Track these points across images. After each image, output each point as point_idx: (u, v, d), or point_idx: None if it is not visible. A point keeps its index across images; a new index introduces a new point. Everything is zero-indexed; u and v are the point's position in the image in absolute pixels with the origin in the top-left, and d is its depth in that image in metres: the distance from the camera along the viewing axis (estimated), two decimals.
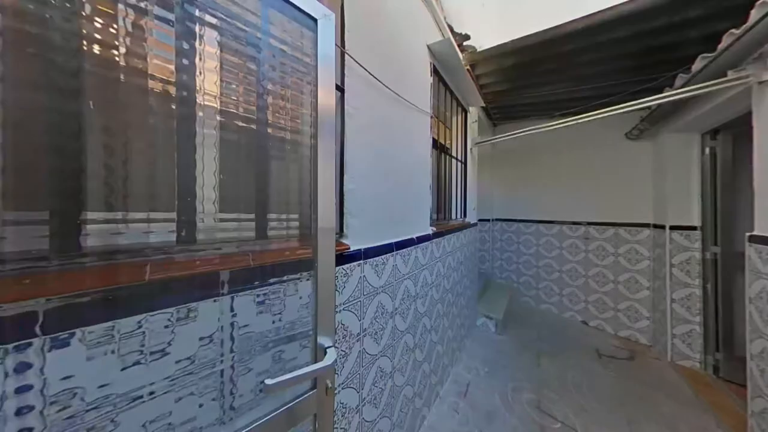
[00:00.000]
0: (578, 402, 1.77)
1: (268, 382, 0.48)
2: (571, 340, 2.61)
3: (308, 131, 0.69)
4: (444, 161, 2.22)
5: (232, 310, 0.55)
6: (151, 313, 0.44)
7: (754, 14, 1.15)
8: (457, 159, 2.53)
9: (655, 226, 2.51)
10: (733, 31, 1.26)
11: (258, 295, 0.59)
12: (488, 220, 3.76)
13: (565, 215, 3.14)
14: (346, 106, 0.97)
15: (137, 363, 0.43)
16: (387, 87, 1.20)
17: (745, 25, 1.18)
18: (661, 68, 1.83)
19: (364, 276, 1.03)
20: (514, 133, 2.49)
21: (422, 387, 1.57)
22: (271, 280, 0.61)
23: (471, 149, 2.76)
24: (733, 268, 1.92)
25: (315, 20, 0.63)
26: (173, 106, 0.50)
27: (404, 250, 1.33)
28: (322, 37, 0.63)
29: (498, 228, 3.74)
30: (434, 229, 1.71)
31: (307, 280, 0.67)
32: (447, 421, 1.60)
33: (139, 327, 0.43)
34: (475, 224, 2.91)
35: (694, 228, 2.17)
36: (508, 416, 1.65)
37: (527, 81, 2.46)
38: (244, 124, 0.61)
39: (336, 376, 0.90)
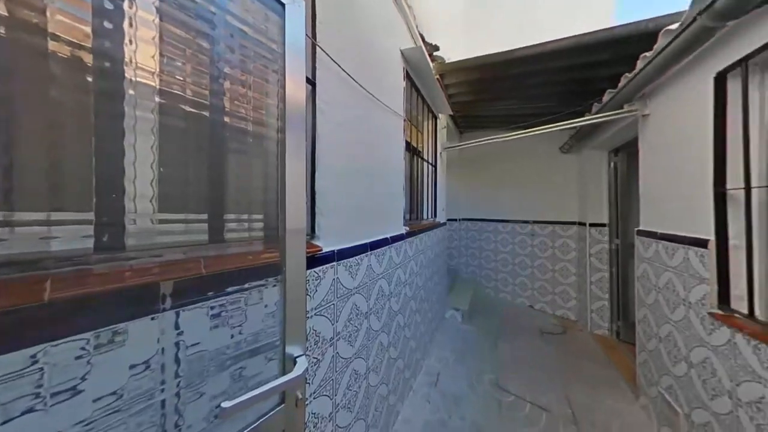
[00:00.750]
0: (527, 375, 2.07)
1: (226, 405, 0.43)
2: (521, 322, 3.02)
3: (275, 124, 0.63)
4: (416, 163, 2.30)
5: (177, 327, 0.46)
6: (53, 343, 0.34)
7: (639, 64, 1.50)
8: (428, 162, 2.64)
9: (579, 224, 3.10)
10: (626, 74, 1.62)
11: (213, 308, 0.51)
12: (456, 220, 4.09)
13: (516, 215, 3.62)
14: (317, 101, 0.92)
15: (29, 411, 0.33)
16: (362, 86, 1.18)
17: (633, 72, 1.54)
18: (585, 97, 2.26)
19: (337, 278, 1.00)
20: (477, 141, 2.81)
21: (396, 383, 1.60)
22: (230, 289, 0.54)
23: (440, 153, 2.94)
24: (628, 256, 2.46)
25: (282, 5, 0.59)
26: (88, 78, 0.39)
27: (379, 249, 1.33)
28: (290, 24, 0.59)
29: (464, 227, 4.08)
30: (408, 228, 1.75)
31: (274, 286, 0.60)
32: (420, 412, 1.66)
33: (34, 362, 0.33)
34: (444, 224, 3.10)
35: (604, 225, 2.76)
36: (473, 397, 1.81)
37: (488, 95, 2.71)
38: (193, 110, 0.52)
39: (307, 385, 0.85)
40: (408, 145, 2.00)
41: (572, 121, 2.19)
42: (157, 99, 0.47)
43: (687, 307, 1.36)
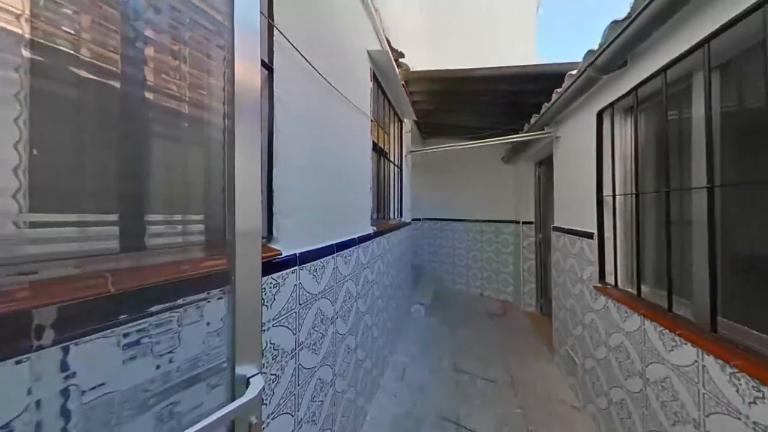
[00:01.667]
0: (478, 354, 2.40)
1: None
2: (474, 309, 3.46)
3: (220, 109, 0.53)
4: (383, 164, 2.37)
5: (64, 368, 0.34)
6: None
7: (553, 97, 1.93)
8: (394, 163, 2.76)
9: (516, 222, 3.75)
10: (545, 104, 2.06)
11: (127, 335, 0.39)
12: (420, 219, 4.40)
13: (470, 215, 4.12)
14: (276, 89, 0.83)
15: None
16: (327, 81, 1.13)
17: (550, 103, 1.98)
18: (521, 117, 2.73)
19: (299, 283, 0.92)
20: (437, 148, 3.13)
21: (364, 384, 1.59)
22: (154, 309, 0.43)
23: (406, 156, 3.11)
24: (548, 247, 3.09)
25: None
26: None
27: (346, 251, 1.29)
28: None
29: (427, 226, 4.43)
30: (375, 228, 1.77)
31: (220, 299, 0.51)
32: (387, 409, 1.71)
33: None
34: (409, 223, 3.28)
35: (532, 222, 3.43)
36: (436, 383, 1.98)
37: (447, 106, 3.01)
38: (93, 77, 0.39)
39: (264, 406, 0.76)
40: (375, 146, 2.02)
41: (509, 137, 2.64)
42: (26, 53, 0.33)
43: (582, 284, 1.82)
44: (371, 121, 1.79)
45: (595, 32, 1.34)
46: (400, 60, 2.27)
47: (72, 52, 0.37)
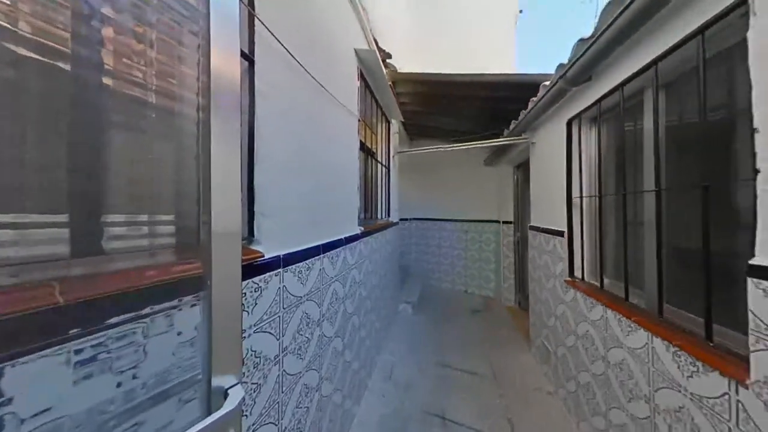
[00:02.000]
0: (462, 348, 2.50)
1: None
2: (458, 305, 3.59)
3: (194, 100, 0.49)
4: (371, 164, 2.37)
5: None
6: None
7: (530, 105, 2.07)
8: (382, 164, 2.77)
9: (497, 222, 3.96)
10: (523, 111, 2.20)
11: (79, 351, 0.35)
12: (407, 219, 4.47)
13: (455, 215, 4.27)
14: (257, 82, 0.79)
15: None
16: (313, 77, 1.10)
17: (526, 110, 2.11)
18: (501, 123, 2.88)
19: (283, 286, 0.89)
20: (424, 149, 3.20)
21: (352, 387, 1.57)
22: (114, 320, 0.38)
23: (393, 156, 3.14)
24: (525, 245, 3.30)
25: None
26: None
27: (333, 251, 1.27)
28: None
29: (414, 226, 4.52)
30: (363, 228, 1.76)
31: (193, 306, 0.48)
32: (375, 409, 1.71)
33: None
34: (397, 223, 3.32)
35: (511, 222, 3.64)
36: (422, 380, 2.02)
37: (433, 109, 3.10)
38: (36, 56, 0.34)
39: (245, 418, 0.72)
40: (362, 145, 2.01)
41: (490, 141, 2.78)
42: None
43: (554, 278, 1.97)
44: (359, 120, 1.78)
45: (569, 47, 1.46)
46: (388, 61, 2.28)
47: (6, 24, 0.32)
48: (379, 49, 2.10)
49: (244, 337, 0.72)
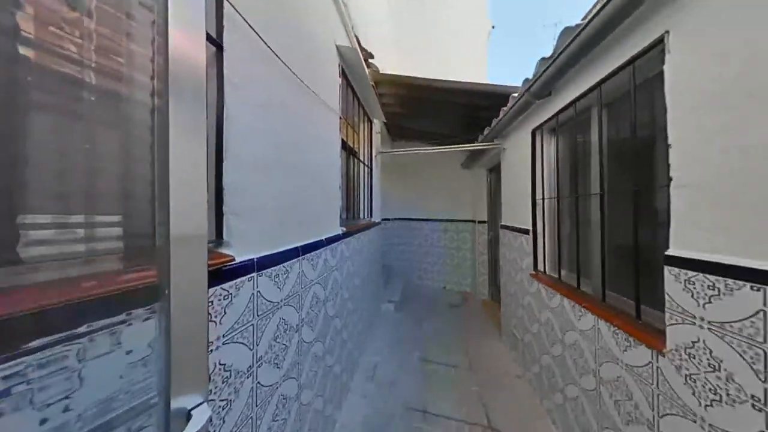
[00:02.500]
0: (441, 342, 2.62)
1: None
2: (438, 302, 3.75)
3: (147, 84, 0.43)
4: (353, 164, 2.35)
5: None
6: None
7: (501, 114, 2.25)
8: (364, 163, 2.75)
9: (473, 221, 4.23)
10: (495, 119, 2.38)
11: None
12: (389, 219, 4.55)
13: (434, 215, 4.45)
14: (227, 71, 0.73)
15: None
16: (290, 68, 1.04)
17: (498, 118, 2.29)
18: (476, 128, 3.07)
19: (258, 292, 0.83)
20: (405, 150, 3.30)
21: (333, 391, 1.53)
22: (34, 344, 0.32)
23: (375, 156, 3.16)
24: (497, 243, 3.60)
25: None
26: None
27: (313, 253, 1.23)
28: None
29: (396, 225, 4.62)
30: (344, 228, 1.73)
31: (147, 320, 0.42)
32: (358, 411, 1.69)
33: None
34: (379, 223, 3.34)
35: (485, 222, 3.91)
36: (405, 377, 2.06)
37: (414, 112, 3.19)
38: None
39: None
40: (344, 144, 1.99)
41: (466, 145, 2.95)
42: None
43: (521, 272, 2.16)
44: (340, 118, 1.74)
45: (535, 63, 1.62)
46: (370, 60, 2.27)
47: None
48: (361, 48, 2.07)
49: (212, 350, 0.66)
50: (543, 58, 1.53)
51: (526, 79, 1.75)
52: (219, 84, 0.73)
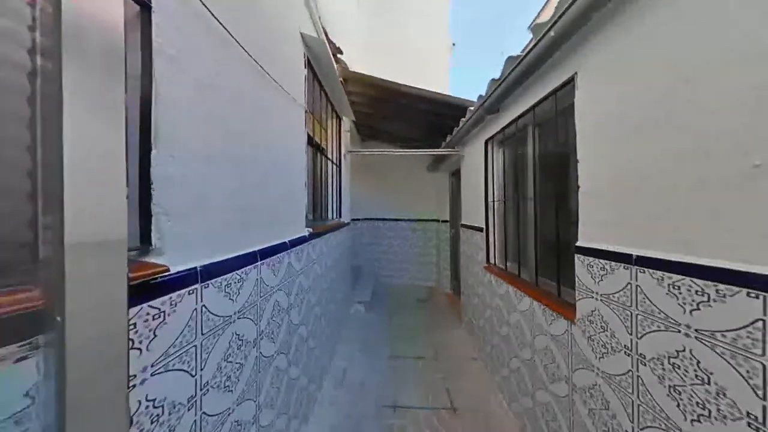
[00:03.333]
0: (409, 336, 2.75)
1: None
2: (407, 297, 3.94)
3: (19, 34, 0.32)
4: (320, 161, 2.25)
5: None
6: None
7: (461, 124, 2.50)
8: (332, 161, 2.66)
9: (437, 221, 4.56)
10: (456, 128, 2.62)
11: None
12: (359, 219, 4.57)
13: (403, 215, 4.65)
14: (157, 39, 0.59)
15: None
16: (243, 47, 0.91)
17: (458, 128, 2.53)
18: (440, 134, 3.32)
19: (202, 306, 0.70)
20: (376, 151, 3.39)
21: (299, 405, 1.42)
22: None
23: (345, 155, 3.10)
24: (458, 240, 3.96)
25: None
26: None
27: (274, 257, 1.11)
28: None
29: (367, 226, 4.67)
30: (311, 229, 1.63)
31: (22, 359, 0.31)
32: (326, 421, 1.63)
33: None
34: (349, 223, 3.29)
35: (447, 221, 4.25)
36: (376, 376, 2.08)
37: (384, 113, 3.28)
38: None
39: None
40: (311, 140, 1.89)
41: (430, 150, 3.18)
42: None
43: (477, 266, 2.44)
44: (306, 111, 1.62)
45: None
46: (339, 56, 2.20)
47: None
48: (329, 41, 1.98)
49: (134, 386, 0.51)
50: (493, 79, 1.76)
51: (480, 96, 1.99)
52: (146, 54, 0.58)
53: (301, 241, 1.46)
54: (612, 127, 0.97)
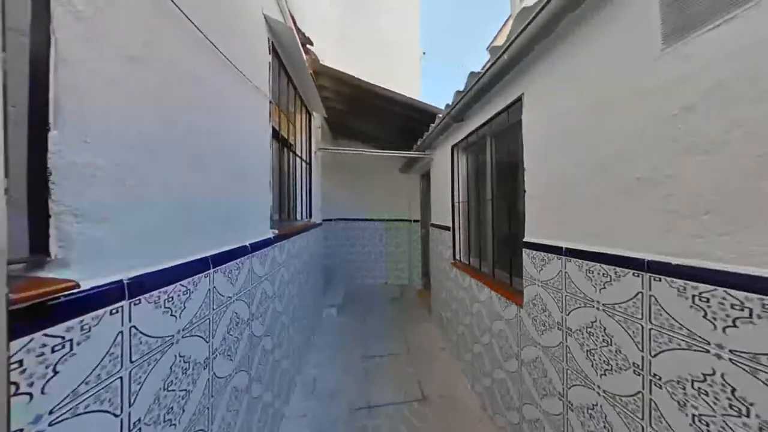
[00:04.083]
0: (383, 335, 2.79)
1: None
2: (379, 297, 3.98)
3: None
4: (288, 157, 2.11)
5: None
6: None
7: (431, 129, 2.66)
8: (302, 158, 2.51)
9: (409, 221, 4.74)
10: (426, 132, 2.77)
11: None
12: (331, 220, 4.45)
13: (377, 215, 4.70)
14: None
15: None
16: (189, 18, 0.79)
17: (428, 132, 2.69)
18: (412, 137, 3.45)
19: (132, 328, 0.58)
20: (348, 150, 3.30)
21: (262, 424, 1.30)
22: None
23: (315, 152, 2.96)
24: (428, 239, 4.19)
25: None
26: None
27: (231, 263, 0.99)
28: None
29: (339, 226, 4.58)
30: (276, 231, 1.49)
31: None
32: None
33: None
34: (320, 224, 3.16)
35: (418, 221, 4.46)
36: (349, 380, 2.03)
37: (358, 112, 3.27)
38: None
39: None
40: (277, 133, 1.75)
41: (402, 152, 3.31)
42: None
43: (445, 262, 2.63)
44: (271, 102, 1.49)
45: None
46: (309, 47, 2.08)
47: None
48: (297, 30, 1.84)
49: None
50: (458, 91, 1.93)
51: (447, 105, 2.16)
52: (38, 3, 0.45)
53: (265, 244, 1.34)
54: (547, 142, 1.17)
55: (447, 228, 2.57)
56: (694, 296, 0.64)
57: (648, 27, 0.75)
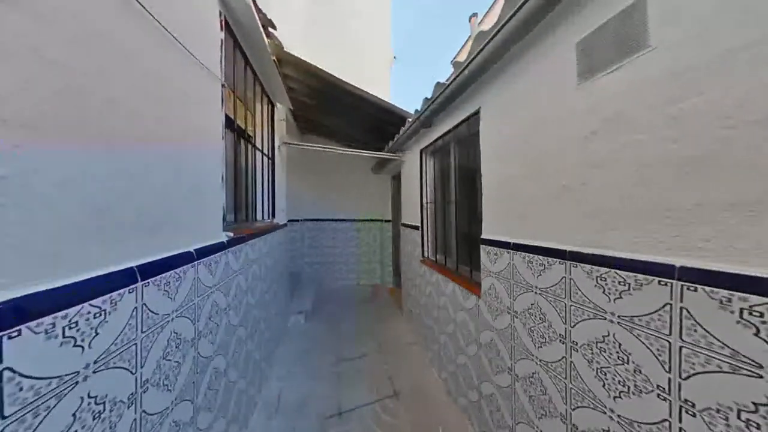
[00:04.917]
0: (356, 335, 2.76)
1: None
2: (351, 299, 3.95)
3: None
4: (246, 151, 1.91)
5: None
6: None
7: (401, 132, 2.76)
8: (263, 153, 2.28)
9: (381, 221, 4.80)
10: (397, 135, 2.87)
11: None
12: (298, 221, 4.20)
13: (348, 215, 4.64)
14: None
15: None
16: None
17: (399, 135, 2.78)
18: (384, 138, 3.52)
19: (5, 370, 0.43)
20: (316, 146, 3.09)
21: None
22: None
23: (279, 147, 2.73)
24: (399, 238, 4.32)
25: None
26: None
27: (168, 273, 0.84)
28: None
29: (307, 227, 4.36)
30: (231, 234, 1.34)
31: None
32: None
33: None
34: (284, 225, 2.91)
35: (390, 221, 4.56)
36: (318, 387, 1.93)
37: (327, 107, 3.07)
38: None
39: None
40: (232, 123, 1.56)
41: (374, 152, 3.35)
42: None
43: (415, 260, 2.78)
44: (223, 86, 1.30)
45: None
46: (272, 30, 1.88)
47: None
48: (258, 9, 1.63)
49: None
50: (426, 98, 2.07)
51: (416, 110, 2.29)
52: None
53: (216, 248, 1.17)
54: (499, 152, 1.35)
55: (416, 227, 2.72)
56: (597, 277, 0.83)
57: (570, 64, 0.93)
